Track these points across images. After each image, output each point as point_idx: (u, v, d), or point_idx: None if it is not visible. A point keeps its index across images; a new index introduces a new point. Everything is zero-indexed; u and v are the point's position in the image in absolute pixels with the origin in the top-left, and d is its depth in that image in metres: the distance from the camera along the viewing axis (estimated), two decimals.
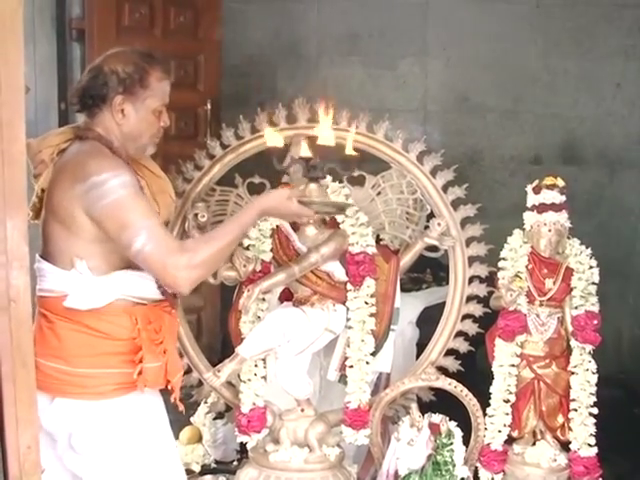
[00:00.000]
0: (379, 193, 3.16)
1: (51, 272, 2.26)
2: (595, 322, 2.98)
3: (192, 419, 3.51)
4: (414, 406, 2.98)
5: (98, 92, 2.30)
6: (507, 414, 3.03)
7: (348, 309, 2.96)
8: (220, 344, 4.41)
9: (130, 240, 2.12)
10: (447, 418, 2.98)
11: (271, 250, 2.95)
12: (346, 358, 3.00)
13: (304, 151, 2.63)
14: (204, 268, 2.22)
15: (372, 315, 2.97)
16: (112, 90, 2.29)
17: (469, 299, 3.21)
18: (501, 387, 3.03)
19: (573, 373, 3.02)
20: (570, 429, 3.03)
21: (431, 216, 3.17)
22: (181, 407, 2.42)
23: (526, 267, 3.05)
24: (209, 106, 4.44)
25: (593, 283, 3.03)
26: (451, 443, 2.93)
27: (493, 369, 3.06)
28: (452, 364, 3.23)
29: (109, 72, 2.30)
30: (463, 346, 3.23)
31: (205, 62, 4.48)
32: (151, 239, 2.12)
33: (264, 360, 3.01)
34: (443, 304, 3.28)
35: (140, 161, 2.46)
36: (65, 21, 4.33)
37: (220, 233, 2.32)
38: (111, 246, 2.22)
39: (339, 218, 3.01)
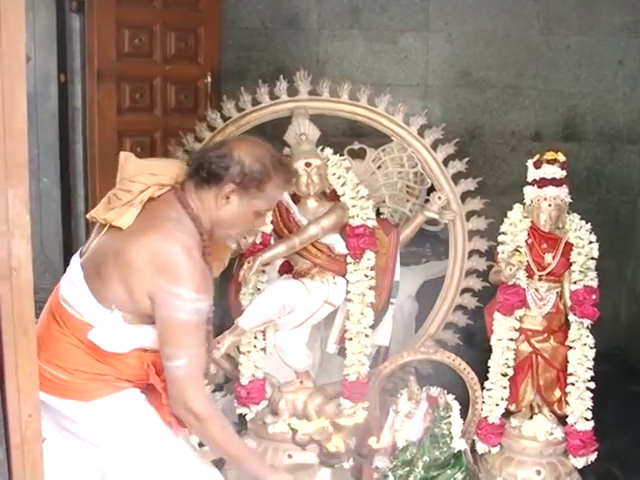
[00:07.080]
0: (380, 166, 3.16)
1: (88, 300, 2.22)
2: (594, 297, 2.99)
3: None
4: (412, 379, 2.99)
5: (215, 171, 2.25)
6: (505, 388, 3.05)
7: (348, 282, 2.97)
8: (219, 316, 4.40)
9: (171, 355, 2.18)
10: (445, 391, 2.99)
11: (271, 222, 2.95)
12: (345, 331, 3.02)
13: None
14: (202, 429, 2.25)
15: (371, 288, 2.98)
16: (229, 177, 2.24)
17: (468, 273, 3.23)
18: (499, 361, 3.05)
19: (571, 347, 3.03)
20: (567, 403, 3.05)
21: (431, 190, 3.18)
22: None
23: (526, 241, 3.05)
24: (209, 79, 4.41)
25: (592, 258, 3.03)
26: (449, 416, 2.94)
27: (491, 343, 3.07)
28: (451, 338, 3.25)
29: (236, 160, 2.25)
30: (462, 320, 3.25)
31: (206, 34, 4.43)
32: (188, 367, 2.18)
33: (263, 332, 3.03)
34: (442, 278, 3.29)
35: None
36: None
37: (237, 444, 2.38)
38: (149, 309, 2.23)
39: (340, 191, 3.01)
